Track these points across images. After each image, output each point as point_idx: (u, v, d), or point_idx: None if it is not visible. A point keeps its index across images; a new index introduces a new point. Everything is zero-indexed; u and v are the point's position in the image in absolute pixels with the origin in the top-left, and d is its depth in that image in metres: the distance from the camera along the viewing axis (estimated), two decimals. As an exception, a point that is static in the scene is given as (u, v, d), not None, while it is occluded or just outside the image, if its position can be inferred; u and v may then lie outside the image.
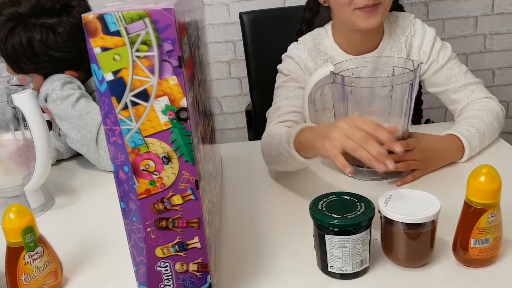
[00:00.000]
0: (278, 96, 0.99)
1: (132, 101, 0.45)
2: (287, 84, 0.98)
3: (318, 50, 1.01)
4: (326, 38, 1.01)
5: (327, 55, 1.00)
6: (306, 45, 1.01)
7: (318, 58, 1.00)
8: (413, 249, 0.62)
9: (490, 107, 0.96)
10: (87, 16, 0.42)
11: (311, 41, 1.01)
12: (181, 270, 0.52)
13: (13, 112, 0.88)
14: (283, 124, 0.92)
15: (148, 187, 0.48)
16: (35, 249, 0.60)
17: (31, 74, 1.01)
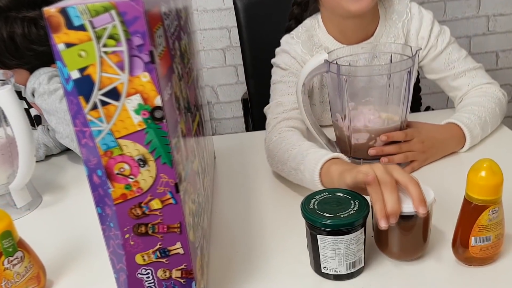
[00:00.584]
0: (278, 91, 0.94)
1: (101, 100, 0.42)
2: (286, 79, 0.94)
3: (312, 42, 0.96)
4: (318, 29, 0.97)
5: (322, 46, 0.96)
6: (299, 38, 0.97)
7: (314, 50, 0.96)
8: (406, 242, 0.59)
9: (492, 92, 0.92)
10: (49, 10, 0.38)
11: (304, 33, 0.97)
12: (164, 277, 0.50)
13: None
14: (291, 123, 0.87)
15: (124, 192, 0.45)
16: (14, 254, 0.58)
17: (16, 69, 0.97)
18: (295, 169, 0.76)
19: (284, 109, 0.90)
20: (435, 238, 0.64)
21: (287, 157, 0.79)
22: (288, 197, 0.79)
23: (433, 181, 0.77)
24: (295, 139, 0.81)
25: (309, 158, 0.74)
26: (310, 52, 0.96)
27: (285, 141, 0.82)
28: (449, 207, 0.65)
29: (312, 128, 0.88)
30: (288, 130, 0.86)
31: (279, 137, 0.84)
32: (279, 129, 0.86)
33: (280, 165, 0.81)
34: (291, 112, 0.90)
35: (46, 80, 0.94)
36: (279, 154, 0.81)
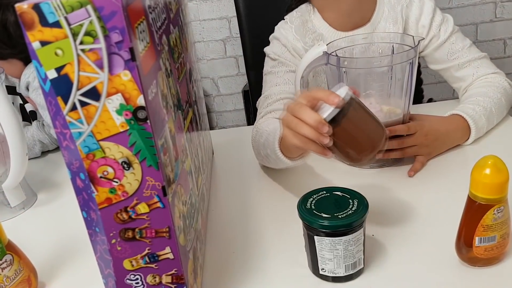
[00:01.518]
0: (267, 83, 0.92)
1: (80, 100, 0.39)
2: (275, 69, 0.92)
3: (306, 27, 0.93)
4: (313, 15, 0.94)
5: (315, 33, 0.93)
6: (293, 23, 0.94)
7: (307, 36, 0.93)
8: (359, 138, 0.58)
9: (497, 82, 0.88)
10: (21, 7, 0.36)
11: (298, 18, 0.94)
12: (153, 282, 0.48)
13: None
14: (271, 115, 0.86)
15: (108, 196, 0.43)
16: (3, 258, 0.56)
17: (10, 59, 0.96)
18: (267, 156, 0.77)
19: (268, 102, 0.88)
20: (438, 237, 0.62)
21: (260, 147, 0.79)
22: (286, 194, 0.77)
23: (435, 178, 0.75)
24: (264, 127, 0.81)
25: (270, 140, 0.73)
26: (302, 39, 0.92)
27: (258, 132, 0.82)
28: (452, 206, 0.62)
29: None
30: (264, 121, 0.85)
31: (256, 130, 0.84)
32: (259, 124, 0.85)
33: (259, 156, 0.83)
34: (274, 104, 0.88)
35: (33, 77, 0.93)
36: (256, 146, 0.82)
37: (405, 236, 0.63)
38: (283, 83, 0.90)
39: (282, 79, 0.90)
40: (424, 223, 0.65)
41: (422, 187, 0.73)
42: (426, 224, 0.65)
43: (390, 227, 0.65)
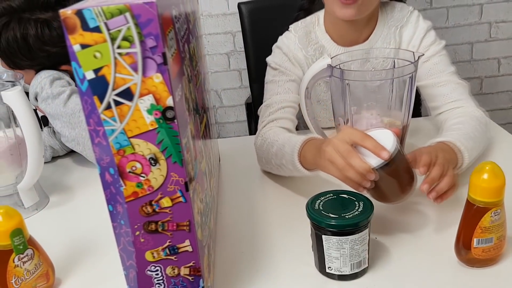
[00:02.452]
0: (268, 91, 0.96)
1: (115, 100, 0.43)
2: (276, 78, 0.95)
3: (309, 38, 0.98)
4: (317, 27, 0.98)
5: (318, 44, 0.97)
6: (297, 33, 0.98)
7: (309, 46, 0.97)
8: (396, 184, 0.64)
9: (471, 113, 0.87)
10: (65, 12, 0.40)
11: (302, 29, 0.98)
12: (172, 274, 0.51)
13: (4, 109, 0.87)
14: (274, 124, 0.89)
15: (135, 190, 0.47)
16: (24, 252, 0.59)
17: (27, 70, 0.99)
18: (280, 165, 0.80)
19: (270, 111, 0.92)
20: (439, 240, 0.65)
21: (271, 156, 0.82)
22: (292, 198, 0.80)
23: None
24: (274, 137, 0.84)
25: (286, 151, 0.77)
26: (305, 48, 0.97)
27: (266, 141, 0.85)
28: (452, 209, 0.66)
29: (314, 131, 0.89)
30: (269, 130, 0.88)
31: (262, 140, 0.87)
32: (262, 133, 0.89)
33: (268, 164, 0.85)
34: (276, 113, 0.91)
35: (48, 84, 0.95)
36: (264, 156, 0.85)
37: (406, 239, 0.66)
38: (284, 92, 0.94)
39: (283, 88, 0.94)
40: (424, 226, 0.69)
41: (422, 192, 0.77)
42: (426, 227, 0.69)
43: (392, 230, 0.68)
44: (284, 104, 0.92)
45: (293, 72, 0.96)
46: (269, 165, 0.85)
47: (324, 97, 1.02)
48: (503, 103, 1.80)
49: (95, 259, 0.70)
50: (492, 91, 1.78)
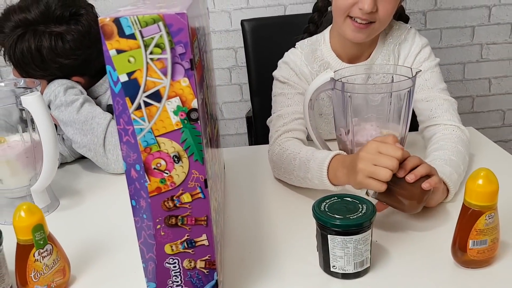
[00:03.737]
0: (278, 103, 1.00)
1: (145, 101, 0.47)
2: (285, 91, 1.00)
3: (315, 55, 1.03)
4: (323, 44, 1.04)
5: (323, 61, 1.03)
6: (303, 50, 1.03)
7: (314, 63, 1.02)
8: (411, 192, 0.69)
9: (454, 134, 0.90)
10: (103, 19, 0.44)
11: (308, 46, 1.04)
12: (189, 266, 0.54)
13: (19, 114, 0.90)
14: (290, 135, 0.93)
15: (158, 185, 0.50)
16: (44, 247, 0.62)
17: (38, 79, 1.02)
18: (303, 178, 0.83)
19: (284, 122, 0.96)
20: (436, 242, 0.69)
21: (292, 168, 0.85)
22: (295, 204, 0.84)
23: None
24: (294, 149, 0.87)
25: (312, 166, 0.80)
26: (310, 64, 1.02)
27: (286, 152, 0.88)
28: (448, 214, 0.70)
29: (317, 141, 0.94)
30: (287, 140, 0.92)
31: (280, 149, 0.90)
32: (279, 141, 0.92)
33: (287, 175, 0.88)
34: (290, 124, 0.95)
35: (62, 92, 0.99)
36: (284, 166, 0.88)
37: (405, 242, 0.70)
38: (294, 104, 0.98)
39: (293, 101, 0.99)
40: (422, 230, 0.73)
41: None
42: (424, 231, 0.72)
43: (392, 234, 0.72)
44: (296, 116, 0.96)
45: (301, 86, 1.01)
46: (289, 175, 0.87)
47: (327, 111, 1.07)
48: (494, 121, 1.87)
49: (106, 258, 0.72)
50: (483, 110, 1.85)
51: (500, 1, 1.68)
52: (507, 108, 1.86)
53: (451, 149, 0.86)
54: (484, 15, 1.70)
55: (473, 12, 1.69)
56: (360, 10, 0.90)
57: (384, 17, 0.92)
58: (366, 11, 0.89)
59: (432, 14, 1.68)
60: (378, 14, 0.91)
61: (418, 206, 0.71)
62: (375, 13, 0.91)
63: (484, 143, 1.03)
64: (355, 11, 0.91)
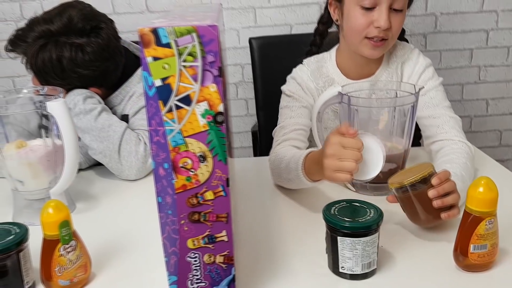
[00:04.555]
0: (282, 115, 1.06)
1: (176, 105, 0.51)
2: (290, 104, 1.06)
3: (321, 72, 1.08)
4: (329, 62, 1.09)
5: (328, 77, 1.08)
6: (309, 67, 1.09)
7: (320, 79, 1.08)
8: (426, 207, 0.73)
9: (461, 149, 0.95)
10: (143, 29, 0.49)
11: (315, 63, 1.09)
12: (209, 261, 0.57)
13: (38, 121, 0.94)
14: (287, 143, 0.99)
15: (184, 183, 0.54)
16: (69, 242, 0.65)
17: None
18: (289, 180, 0.90)
19: (284, 132, 1.02)
20: (438, 247, 0.73)
21: (281, 172, 0.92)
22: (303, 210, 0.88)
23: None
24: (284, 153, 0.94)
25: (292, 167, 0.86)
26: (316, 81, 1.07)
27: (278, 157, 0.95)
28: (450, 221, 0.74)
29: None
30: (282, 147, 0.98)
31: (275, 156, 0.96)
32: (277, 150, 0.99)
33: (279, 178, 0.95)
34: (290, 134, 1.01)
35: (82, 101, 1.04)
36: (276, 171, 0.95)
37: (409, 247, 0.74)
38: (296, 116, 1.04)
39: (296, 113, 1.05)
40: (425, 236, 0.77)
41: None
42: (427, 237, 0.76)
43: (396, 239, 0.76)
44: (296, 127, 1.02)
45: (306, 100, 1.06)
46: (280, 179, 0.94)
47: (331, 124, 1.12)
48: (491, 141, 1.92)
49: (123, 257, 0.76)
50: (481, 130, 1.90)
51: (497, 25, 1.75)
52: (503, 128, 1.91)
53: (462, 164, 0.89)
54: (482, 38, 1.77)
55: (472, 35, 1.76)
56: (376, 29, 0.96)
57: (396, 32, 0.99)
58: (383, 28, 0.95)
59: (432, 36, 1.75)
60: (391, 31, 0.97)
61: (433, 221, 0.75)
62: (389, 30, 0.97)
63: (482, 159, 1.07)
64: (372, 31, 0.97)
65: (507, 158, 1.95)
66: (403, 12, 0.98)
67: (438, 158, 0.95)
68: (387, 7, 0.95)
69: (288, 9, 1.66)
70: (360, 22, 0.97)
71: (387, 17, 0.95)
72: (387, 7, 0.95)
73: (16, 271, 0.65)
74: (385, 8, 0.95)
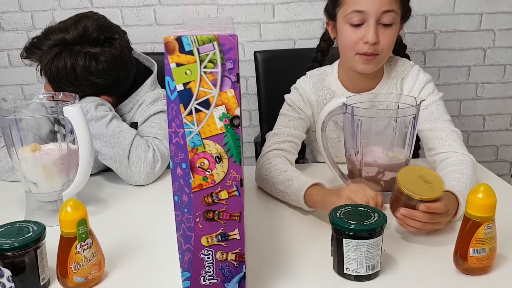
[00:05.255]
0: (279, 122, 1.11)
1: (196, 108, 0.55)
2: (289, 113, 1.10)
3: (323, 84, 1.12)
4: (331, 75, 1.13)
5: (329, 90, 1.12)
6: (312, 78, 1.13)
7: (321, 91, 1.12)
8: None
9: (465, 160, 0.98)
10: (168, 37, 0.52)
11: (317, 76, 1.14)
12: (221, 258, 0.60)
13: (50, 127, 0.97)
14: (281, 153, 1.04)
15: (201, 182, 0.57)
16: (86, 240, 0.68)
17: None
18: (283, 192, 0.94)
19: (278, 140, 1.06)
20: (440, 251, 0.76)
21: (276, 181, 0.96)
22: (307, 215, 0.90)
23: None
24: (281, 166, 0.99)
25: (294, 185, 0.91)
26: (317, 93, 1.12)
27: (273, 167, 0.99)
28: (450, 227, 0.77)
29: (328, 161, 1.01)
30: (276, 156, 1.03)
31: (268, 163, 1.00)
32: (269, 155, 1.03)
33: (269, 186, 0.99)
34: (283, 144, 1.06)
35: (94, 108, 1.07)
36: (268, 178, 0.99)
37: (411, 251, 0.77)
38: (292, 127, 1.09)
39: (292, 124, 1.09)
40: (426, 241, 0.80)
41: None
42: (428, 242, 0.79)
43: (398, 244, 0.79)
44: (290, 138, 1.07)
45: (304, 112, 1.11)
46: (270, 186, 0.98)
47: (333, 135, 1.15)
48: (488, 156, 1.96)
49: (134, 258, 0.78)
50: (478, 145, 1.94)
51: (494, 44, 1.80)
52: (500, 144, 1.95)
53: (468, 175, 0.93)
54: (480, 56, 1.82)
55: (469, 53, 1.81)
56: (365, 45, 1.01)
57: (386, 47, 1.03)
58: (370, 43, 1.00)
59: (431, 53, 1.80)
60: (380, 45, 1.01)
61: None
62: (378, 45, 1.01)
63: (480, 171, 1.11)
64: (362, 47, 1.02)
65: (503, 173, 1.99)
66: (393, 26, 1.02)
67: (445, 167, 0.98)
68: (375, 23, 1.00)
69: (292, 24, 1.71)
70: (350, 38, 1.02)
71: (374, 32, 0.99)
72: (375, 22, 1.00)
73: (33, 267, 0.67)
74: (372, 24, 1.00)
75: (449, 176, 0.92)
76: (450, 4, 1.73)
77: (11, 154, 0.89)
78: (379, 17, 1.00)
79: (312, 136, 1.19)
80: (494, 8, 1.74)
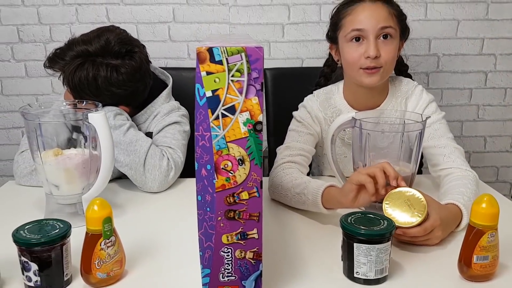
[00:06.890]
0: (290, 137, 1.15)
1: (222, 113, 0.59)
2: (299, 129, 1.15)
3: (329, 103, 1.18)
4: (337, 94, 1.19)
5: (335, 108, 1.17)
6: (319, 98, 1.19)
7: (328, 109, 1.17)
8: None
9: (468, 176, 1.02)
10: (200, 48, 0.57)
11: (324, 95, 1.19)
12: (240, 256, 0.64)
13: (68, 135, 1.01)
14: (294, 165, 1.08)
15: (224, 183, 0.61)
16: (110, 238, 0.71)
17: None
18: (299, 193, 0.97)
19: (290, 153, 1.10)
20: (444, 259, 0.79)
21: (291, 185, 0.99)
22: (318, 222, 0.94)
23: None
24: (297, 174, 1.03)
25: (311, 185, 0.95)
26: (324, 111, 1.17)
27: (288, 175, 1.03)
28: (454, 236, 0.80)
29: (336, 172, 1.06)
30: (290, 167, 1.07)
31: (283, 173, 1.05)
32: (283, 166, 1.07)
33: (283, 191, 1.02)
34: (296, 157, 1.10)
35: (112, 117, 1.12)
36: (283, 184, 1.02)
37: (418, 259, 0.80)
38: (303, 142, 1.13)
39: (303, 139, 1.14)
40: (432, 249, 0.83)
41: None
42: (434, 250, 0.83)
43: (405, 251, 0.82)
44: (302, 152, 1.11)
45: (313, 128, 1.16)
46: (284, 191, 1.01)
47: (339, 151, 1.20)
48: (489, 176, 2.00)
49: (151, 258, 0.82)
50: (479, 165, 1.98)
51: (495, 68, 1.86)
52: (500, 165, 1.99)
53: (472, 189, 0.97)
54: (481, 79, 1.88)
55: (471, 76, 1.87)
56: (367, 59, 1.07)
57: (388, 60, 1.08)
58: (372, 57, 1.06)
59: (434, 75, 1.86)
60: (382, 58, 1.07)
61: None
62: (380, 58, 1.07)
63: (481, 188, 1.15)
64: (364, 62, 1.07)
65: (503, 194, 2.02)
66: (393, 40, 1.08)
67: (449, 181, 1.01)
68: (374, 38, 1.06)
69: (300, 44, 1.77)
70: (353, 55, 1.08)
71: (374, 46, 1.05)
72: (374, 37, 1.06)
73: (59, 263, 0.71)
74: (372, 38, 1.06)
75: (453, 190, 0.96)
76: (453, 28, 1.79)
77: (35, 157, 0.93)
78: (378, 33, 1.06)
79: (319, 150, 1.24)
80: (495, 34, 1.81)
